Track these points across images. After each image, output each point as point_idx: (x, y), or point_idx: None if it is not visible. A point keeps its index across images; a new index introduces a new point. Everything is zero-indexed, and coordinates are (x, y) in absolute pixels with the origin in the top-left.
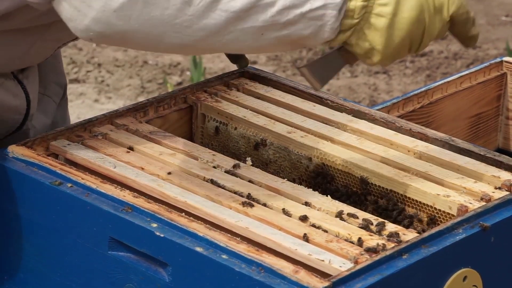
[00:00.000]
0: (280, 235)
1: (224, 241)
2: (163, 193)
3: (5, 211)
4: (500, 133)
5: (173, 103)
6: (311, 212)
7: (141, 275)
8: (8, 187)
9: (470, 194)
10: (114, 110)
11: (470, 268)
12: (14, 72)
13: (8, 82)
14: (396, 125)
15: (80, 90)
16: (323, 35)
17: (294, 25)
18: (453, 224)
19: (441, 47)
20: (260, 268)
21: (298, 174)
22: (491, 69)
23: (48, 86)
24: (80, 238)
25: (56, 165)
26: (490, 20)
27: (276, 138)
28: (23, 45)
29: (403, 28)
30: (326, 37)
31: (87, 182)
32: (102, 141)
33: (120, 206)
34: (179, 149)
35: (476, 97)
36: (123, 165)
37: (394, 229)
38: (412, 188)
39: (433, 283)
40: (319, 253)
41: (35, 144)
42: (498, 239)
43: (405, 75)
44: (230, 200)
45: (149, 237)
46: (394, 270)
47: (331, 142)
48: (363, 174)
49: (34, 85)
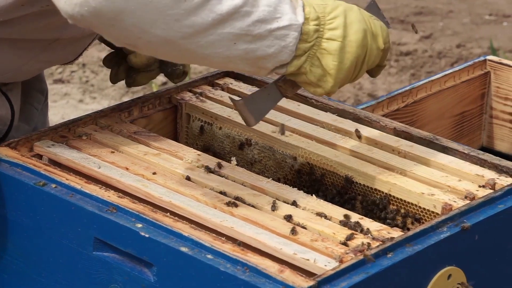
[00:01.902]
0: (265, 235)
1: (209, 241)
2: (148, 193)
3: None
4: (484, 131)
5: (157, 103)
6: (296, 211)
7: (126, 275)
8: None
9: (454, 192)
10: (98, 110)
11: (454, 266)
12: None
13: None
14: (380, 124)
15: (64, 90)
16: (282, 56)
17: (262, 41)
18: (437, 223)
19: (425, 46)
20: (245, 268)
21: (283, 173)
22: (475, 67)
23: (30, 93)
24: (65, 239)
25: (40, 166)
26: (473, 19)
27: (261, 137)
28: (17, 61)
29: (352, 51)
30: (284, 59)
31: (72, 183)
32: (86, 141)
33: (104, 206)
34: (163, 149)
35: (460, 96)
36: (108, 166)
37: (379, 227)
38: (397, 187)
39: (418, 282)
40: (304, 252)
41: (19, 145)
42: (482, 237)
43: (390, 74)
44: (215, 200)
45: (134, 237)
46: (379, 269)
47: (316, 141)
48: (347, 173)
49: (17, 97)
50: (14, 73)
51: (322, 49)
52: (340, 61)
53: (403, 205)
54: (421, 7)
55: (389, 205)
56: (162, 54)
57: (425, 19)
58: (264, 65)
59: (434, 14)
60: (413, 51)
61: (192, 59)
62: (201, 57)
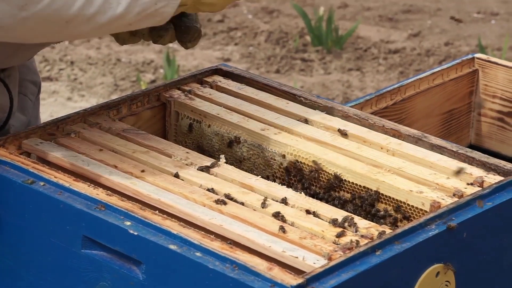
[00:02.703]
0: (254, 232)
1: (198, 239)
2: (137, 191)
3: None
4: (472, 129)
5: (146, 101)
6: (285, 209)
7: (114, 273)
8: None
9: (443, 190)
10: (87, 108)
11: (442, 263)
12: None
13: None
14: (369, 122)
15: (52, 88)
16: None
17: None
18: (426, 220)
19: (413, 44)
20: (234, 266)
21: (272, 171)
22: (463, 65)
23: (24, 84)
24: (53, 237)
25: (28, 164)
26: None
27: (249, 135)
28: (13, 45)
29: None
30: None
31: (60, 181)
32: (75, 139)
33: (93, 204)
34: (152, 146)
35: (448, 94)
36: (96, 163)
37: (367, 225)
38: (385, 185)
39: (406, 279)
40: (293, 250)
41: (7, 142)
42: (470, 234)
43: (378, 72)
44: (204, 197)
45: (123, 235)
46: (367, 266)
47: (304, 139)
48: (336, 170)
49: (15, 84)
50: (12, 56)
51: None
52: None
53: (391, 203)
54: (410, 5)
55: (377, 202)
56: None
57: (413, 17)
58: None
59: (422, 12)
60: (402, 49)
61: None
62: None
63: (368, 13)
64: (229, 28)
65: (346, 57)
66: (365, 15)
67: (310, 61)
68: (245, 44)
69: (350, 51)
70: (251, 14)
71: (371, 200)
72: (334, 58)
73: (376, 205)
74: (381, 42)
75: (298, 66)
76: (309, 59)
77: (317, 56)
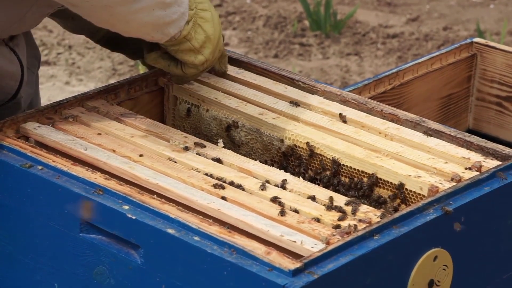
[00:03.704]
0: (252, 217)
1: (196, 223)
2: (135, 175)
3: None
4: (470, 114)
5: (144, 85)
6: (283, 193)
7: (112, 257)
8: None
9: (441, 174)
10: (85, 92)
11: (440, 248)
12: (5, 40)
13: (3, 48)
14: (367, 107)
15: (50, 72)
16: (181, 22)
17: (170, 8)
18: (423, 205)
19: (412, 29)
20: (232, 250)
21: (270, 155)
22: (462, 50)
23: (28, 59)
24: (52, 221)
25: (26, 148)
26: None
27: (248, 119)
28: (21, 9)
29: (218, 22)
30: (182, 25)
31: (58, 165)
32: (73, 123)
33: (91, 188)
34: (150, 131)
35: (447, 78)
36: (94, 148)
37: (366, 209)
38: (383, 169)
39: (404, 263)
40: (291, 234)
41: (5, 126)
42: (468, 219)
43: (377, 56)
44: (202, 182)
45: (121, 219)
46: (365, 250)
47: (302, 123)
48: (334, 155)
49: (23, 53)
50: (20, 22)
51: (200, 17)
52: (215, 28)
53: (389, 187)
54: None
55: (375, 187)
56: (95, 17)
57: (412, 2)
58: (168, 31)
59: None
60: (400, 33)
61: (116, 23)
62: (125, 21)
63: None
64: (227, 12)
65: (345, 41)
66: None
67: (309, 45)
68: (243, 29)
69: (349, 35)
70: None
71: (370, 184)
72: (333, 42)
73: (374, 190)
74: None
75: (297, 50)
76: (308, 43)
77: (316, 41)
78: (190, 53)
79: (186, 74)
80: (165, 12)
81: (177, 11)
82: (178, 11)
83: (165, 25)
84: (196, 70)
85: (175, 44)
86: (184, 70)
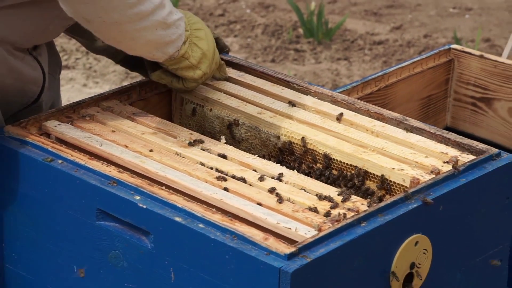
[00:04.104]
0: (251, 206)
1: (201, 212)
2: (145, 168)
3: (2, 185)
4: (448, 113)
5: (154, 87)
6: (279, 185)
7: (125, 242)
8: (4, 163)
9: (422, 168)
10: (100, 93)
11: (421, 234)
12: (29, 50)
13: (27, 57)
14: (356, 106)
15: (70, 75)
16: (179, 42)
17: (170, 29)
18: (406, 195)
19: (396, 36)
20: (233, 236)
21: (268, 151)
22: (440, 55)
23: (50, 65)
24: (70, 210)
25: (48, 143)
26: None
27: (247, 118)
28: (44, 21)
29: (211, 38)
30: (180, 45)
31: (76, 159)
32: (89, 121)
33: (106, 180)
34: (159, 128)
35: (427, 81)
36: (109, 143)
37: (354, 200)
38: (370, 163)
39: (388, 248)
40: (286, 222)
41: (29, 124)
42: (446, 207)
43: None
44: (206, 174)
45: (133, 208)
46: (353, 236)
47: (297, 122)
48: (326, 150)
49: (45, 61)
50: (43, 33)
51: (195, 36)
52: (209, 45)
53: (375, 179)
54: (392, 0)
55: (363, 179)
56: (104, 34)
57: (396, 12)
58: (167, 50)
59: (403, 7)
60: (385, 40)
61: (123, 40)
62: (131, 38)
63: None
64: (229, 21)
65: (335, 48)
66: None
67: (303, 51)
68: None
69: (339, 42)
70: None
71: (358, 179)
72: (324, 48)
73: (364, 183)
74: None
75: (292, 56)
76: (302, 49)
77: (309, 47)
78: (189, 70)
79: (187, 88)
80: (165, 32)
81: (175, 32)
82: (176, 33)
83: (165, 44)
84: (196, 84)
85: (175, 63)
86: (185, 84)
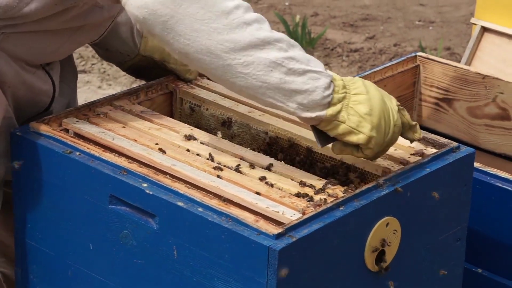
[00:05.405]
0: (244, 192)
1: (200, 197)
2: (152, 159)
3: (27, 174)
4: (415, 111)
5: (159, 89)
6: (268, 174)
7: (134, 224)
8: (30, 155)
9: (392, 159)
10: (113, 94)
11: (391, 216)
12: (42, 65)
13: (39, 71)
14: None
15: (86, 79)
16: (315, 95)
17: (297, 77)
18: (378, 183)
19: (369, 45)
20: (228, 219)
21: (257, 145)
22: (408, 62)
23: (64, 75)
24: (86, 195)
25: (67, 138)
26: (407, 24)
27: (239, 116)
28: (55, 44)
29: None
30: (316, 99)
31: (92, 151)
32: (103, 118)
33: (117, 170)
34: (164, 125)
35: (397, 84)
36: (120, 138)
37: (333, 187)
38: (347, 156)
39: (363, 229)
40: (275, 206)
41: (51, 121)
42: (412, 193)
43: (342, 66)
44: (204, 165)
45: (141, 194)
46: (333, 219)
47: (283, 119)
48: (308, 144)
49: (57, 75)
50: (54, 54)
51: (353, 100)
52: (371, 108)
53: (352, 169)
54: (367, 14)
55: (341, 169)
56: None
57: (370, 24)
58: (297, 99)
59: (376, 20)
60: (360, 48)
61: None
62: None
63: (334, 20)
64: None
65: (317, 54)
66: (332, 22)
67: None
68: None
69: (320, 50)
70: None
71: (338, 168)
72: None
73: (342, 172)
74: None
75: None
76: None
77: None
78: (351, 135)
79: (367, 156)
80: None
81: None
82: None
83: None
84: (371, 151)
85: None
86: (364, 152)
